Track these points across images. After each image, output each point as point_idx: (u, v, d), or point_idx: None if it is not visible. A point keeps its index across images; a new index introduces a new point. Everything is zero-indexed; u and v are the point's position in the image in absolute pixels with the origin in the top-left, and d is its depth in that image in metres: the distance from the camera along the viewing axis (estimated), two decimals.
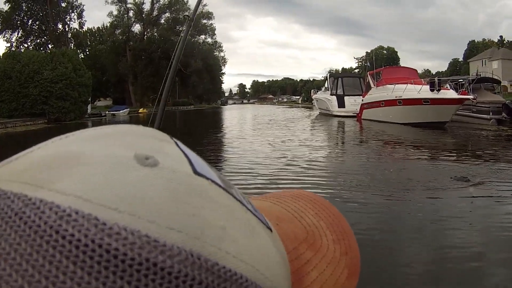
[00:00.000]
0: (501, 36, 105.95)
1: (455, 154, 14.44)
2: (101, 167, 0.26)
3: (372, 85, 34.11)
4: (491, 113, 27.15)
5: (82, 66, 48.76)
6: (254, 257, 0.28)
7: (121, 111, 58.73)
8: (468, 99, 24.78)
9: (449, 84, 27.65)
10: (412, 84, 27.48)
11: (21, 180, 0.24)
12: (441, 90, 25.58)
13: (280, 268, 0.31)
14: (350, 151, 16.27)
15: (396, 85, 28.53)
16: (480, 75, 32.22)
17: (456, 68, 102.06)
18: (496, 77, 33.67)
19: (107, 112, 57.01)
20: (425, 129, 23.19)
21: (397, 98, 27.82)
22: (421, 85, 27.15)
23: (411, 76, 30.76)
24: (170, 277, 0.23)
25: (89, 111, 53.03)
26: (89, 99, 50.92)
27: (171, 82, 5.26)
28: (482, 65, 76.40)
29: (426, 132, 22.26)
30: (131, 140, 0.30)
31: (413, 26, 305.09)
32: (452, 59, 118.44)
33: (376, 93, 31.90)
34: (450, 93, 25.30)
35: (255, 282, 0.27)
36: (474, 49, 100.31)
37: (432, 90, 25.67)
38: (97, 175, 0.25)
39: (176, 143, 0.33)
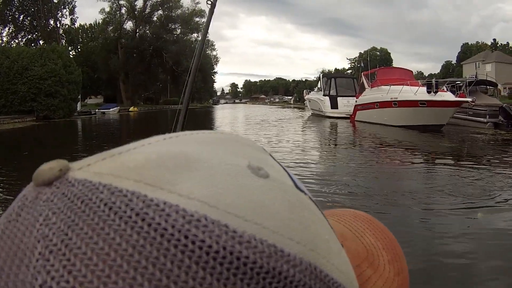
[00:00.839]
0: (494, 39, 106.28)
1: (454, 161, 13.97)
2: (220, 173, 0.26)
3: (366, 86, 33.44)
4: (487, 117, 26.68)
5: (72, 62, 48.20)
6: (348, 269, 0.30)
7: (111, 109, 58.14)
8: (467, 101, 24.35)
9: (445, 86, 27.13)
10: (408, 85, 26.87)
11: (135, 178, 0.24)
12: (438, 92, 24.99)
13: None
14: (341, 155, 15.71)
15: (392, 86, 27.92)
16: (477, 77, 31.53)
17: (449, 70, 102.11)
18: (492, 80, 33.25)
19: (97, 110, 56.38)
20: (421, 132, 22.68)
21: (393, 99, 27.21)
22: (417, 87, 26.55)
23: (406, 77, 30.09)
24: (291, 286, 0.23)
25: (78, 108, 52.41)
26: (79, 97, 50.28)
27: (191, 85, 4.75)
28: (476, 68, 76.29)
29: (422, 135, 21.77)
30: (239, 149, 0.31)
31: (406, 27, 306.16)
32: (445, 62, 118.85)
33: (371, 94, 31.26)
34: (448, 95, 24.77)
35: None
36: (468, 51, 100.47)
37: (429, 92, 25.05)
38: (219, 181, 0.25)
39: (270, 155, 0.34)
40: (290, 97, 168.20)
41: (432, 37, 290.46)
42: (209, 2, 4.90)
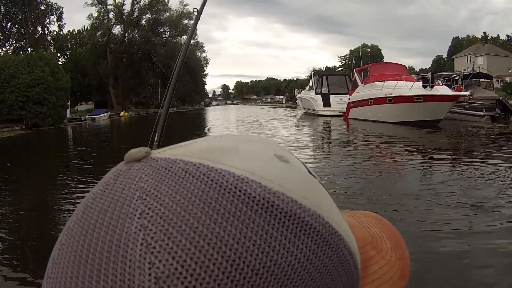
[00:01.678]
0: (484, 32, 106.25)
1: (453, 157, 13.51)
2: (254, 157, 0.37)
3: (359, 82, 32.82)
4: (484, 110, 26.20)
5: (60, 69, 47.57)
6: (346, 227, 0.39)
7: (101, 115, 57.52)
8: (464, 95, 23.91)
9: (440, 80, 26.58)
10: (403, 80, 26.27)
11: (200, 157, 0.34)
12: (435, 87, 24.43)
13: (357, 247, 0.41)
14: (335, 154, 15.18)
15: (386, 82, 27.31)
16: (474, 70, 30.69)
17: (440, 65, 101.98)
18: (488, 72, 32.64)
19: (87, 116, 55.71)
20: (418, 128, 22.20)
21: (387, 95, 26.68)
22: (412, 82, 25.90)
23: (400, 72, 29.44)
24: (303, 225, 0.33)
25: (68, 115, 51.72)
26: (68, 103, 49.51)
27: (173, 88, 4.53)
28: (467, 61, 76.28)
29: (419, 131, 21.25)
30: (266, 144, 0.41)
31: (395, 23, 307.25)
32: (436, 56, 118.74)
33: (364, 91, 30.72)
34: (444, 90, 24.21)
35: (348, 244, 0.38)
36: (459, 45, 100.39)
37: (424, 87, 24.46)
38: (254, 160, 0.36)
39: (288, 151, 0.43)
40: (282, 97, 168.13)
41: (421, 32, 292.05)
42: (195, 9, 5.03)
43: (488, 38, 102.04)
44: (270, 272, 0.30)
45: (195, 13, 5.03)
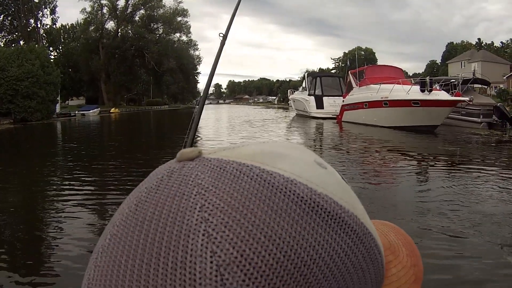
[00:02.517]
0: (479, 39, 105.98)
1: (451, 166, 13.05)
2: (299, 162, 0.40)
3: (354, 84, 32.23)
4: (481, 116, 25.80)
5: (50, 63, 46.88)
6: (375, 231, 0.43)
7: (90, 111, 56.69)
8: (464, 101, 23.36)
9: (437, 85, 25.95)
10: (400, 84, 25.70)
11: (252, 160, 0.37)
12: (433, 91, 23.87)
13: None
14: (325, 158, 14.59)
15: (382, 85, 26.73)
16: (474, 75, 29.98)
17: (434, 69, 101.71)
18: (485, 78, 32.19)
19: (76, 112, 54.84)
20: (414, 134, 21.74)
21: (383, 99, 26.14)
22: (410, 86, 25.33)
23: (396, 75, 29.03)
24: (343, 224, 0.37)
25: (57, 110, 50.87)
26: (58, 98, 48.61)
27: (207, 89, 4.27)
28: (461, 67, 76.06)
29: (415, 136, 20.75)
30: (307, 152, 0.45)
31: (389, 27, 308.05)
32: (429, 61, 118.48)
33: (359, 94, 30.12)
34: (443, 94, 23.62)
35: (378, 244, 0.42)
36: (453, 50, 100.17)
37: (422, 91, 23.95)
38: (299, 165, 0.39)
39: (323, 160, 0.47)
40: (274, 97, 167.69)
41: (415, 36, 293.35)
42: (221, 34, 5.00)
43: (482, 45, 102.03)
44: (315, 264, 0.34)
45: (221, 38, 5.02)
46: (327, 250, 0.35)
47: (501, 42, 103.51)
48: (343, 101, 33.49)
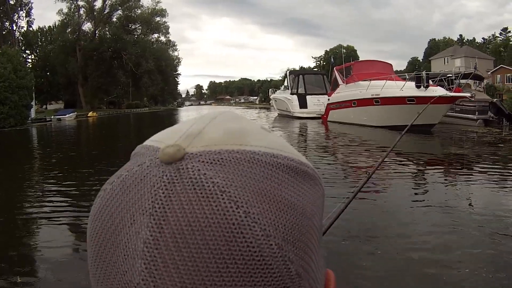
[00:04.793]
0: (460, 35, 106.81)
1: (451, 170, 11.92)
2: (259, 134, 0.46)
3: (340, 82, 30.56)
4: (477, 113, 24.73)
5: (23, 66, 45.30)
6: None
7: (67, 116, 54.76)
8: (465, 97, 22.11)
9: (431, 80, 24.31)
10: (392, 80, 24.34)
11: (230, 143, 0.42)
12: (429, 87, 22.47)
13: None
14: (313, 164, 13.41)
15: (372, 81, 25.14)
16: (476, 69, 28.14)
17: (416, 67, 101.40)
18: (479, 73, 30.80)
19: (52, 117, 52.89)
20: (408, 133, 20.30)
21: (374, 96, 24.61)
22: (403, 82, 23.85)
23: (386, 71, 27.35)
24: (308, 174, 0.46)
25: (32, 115, 49.18)
26: (32, 103, 46.89)
27: None
28: (445, 63, 76.02)
29: (410, 137, 19.37)
30: (248, 120, 0.50)
31: (370, 26, 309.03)
32: (411, 58, 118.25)
33: (346, 91, 28.61)
34: (440, 90, 21.88)
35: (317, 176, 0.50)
36: (435, 47, 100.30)
37: (418, 87, 22.57)
38: (260, 137, 0.45)
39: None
40: (256, 97, 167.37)
41: (396, 35, 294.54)
42: None
43: (464, 41, 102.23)
44: (306, 203, 0.43)
45: None
46: (308, 195, 0.44)
47: (483, 38, 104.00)
48: (328, 99, 32.01)
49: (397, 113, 22.50)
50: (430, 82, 23.60)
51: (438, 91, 21.70)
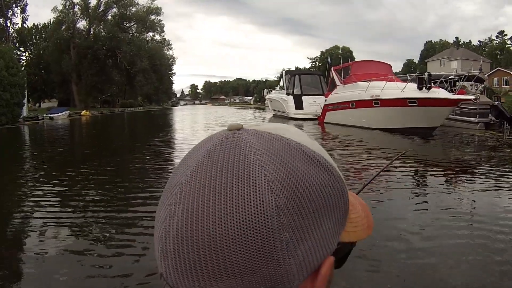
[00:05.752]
0: (457, 37, 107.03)
1: (455, 177, 11.39)
2: (296, 133, 0.58)
3: (338, 82, 29.67)
4: (477, 116, 24.14)
5: (15, 63, 44.54)
6: (342, 176, 0.61)
7: (59, 114, 54.05)
8: (469, 99, 21.34)
9: (432, 82, 23.40)
10: (393, 81, 23.49)
11: (274, 131, 0.56)
12: (432, 89, 21.65)
13: None
14: None
15: (371, 82, 24.26)
16: (481, 70, 27.06)
17: (411, 68, 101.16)
18: (480, 75, 29.95)
19: (44, 115, 52.18)
20: (408, 136, 19.86)
21: (374, 98, 23.78)
22: (405, 83, 23.06)
23: (385, 72, 26.68)
24: (325, 167, 0.55)
25: (24, 114, 48.57)
26: (24, 101, 46.24)
27: None
28: (441, 65, 75.71)
29: (410, 140, 18.75)
30: (295, 128, 0.61)
31: (364, 26, 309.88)
32: (407, 60, 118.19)
33: (344, 92, 27.82)
34: (443, 92, 21.43)
35: (344, 183, 0.60)
36: (431, 49, 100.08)
37: (420, 89, 21.74)
38: (297, 135, 0.57)
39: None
40: (250, 98, 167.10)
41: (390, 36, 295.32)
42: None
43: (460, 43, 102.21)
44: (318, 186, 0.52)
45: None
46: (321, 181, 0.53)
47: (479, 41, 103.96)
48: (325, 100, 31.26)
49: (397, 115, 22.01)
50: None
51: (440, 93, 21.25)
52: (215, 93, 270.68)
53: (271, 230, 0.47)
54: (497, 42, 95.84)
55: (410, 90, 22.00)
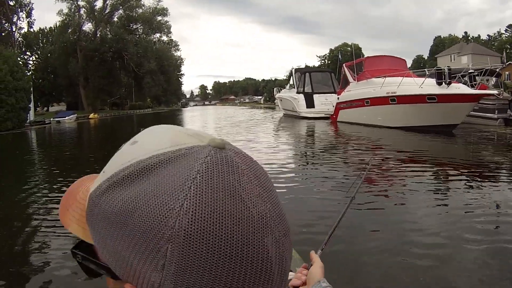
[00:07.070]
0: (466, 32, 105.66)
1: (482, 180, 10.38)
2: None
3: (351, 79, 28.78)
4: (496, 112, 23.09)
5: (20, 68, 43.97)
6: None
7: (66, 118, 53.50)
8: (492, 94, 20.46)
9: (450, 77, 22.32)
10: (409, 76, 22.48)
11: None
12: (452, 84, 20.64)
13: None
14: (318, 170, 11.90)
15: (387, 78, 23.32)
16: (505, 63, 25.81)
17: (421, 64, 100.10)
18: (496, 69, 28.78)
19: (51, 119, 51.60)
20: (428, 135, 18.84)
21: (390, 94, 22.78)
22: (423, 78, 21.85)
23: (400, 67, 25.78)
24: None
25: (31, 118, 47.99)
26: (30, 105, 45.57)
27: None
28: (451, 61, 74.78)
29: (430, 139, 17.74)
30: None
31: (368, 23, 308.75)
32: (416, 56, 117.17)
33: (358, 89, 26.86)
34: (464, 88, 20.46)
35: None
36: (441, 44, 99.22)
37: (439, 84, 20.71)
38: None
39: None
40: (260, 97, 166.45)
41: (396, 32, 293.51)
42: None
43: (469, 38, 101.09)
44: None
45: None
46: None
47: (488, 35, 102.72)
48: (338, 98, 30.31)
49: (416, 112, 21.00)
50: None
51: (461, 88, 20.28)
52: (224, 93, 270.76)
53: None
54: (506, 36, 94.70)
55: (428, 85, 20.99)
